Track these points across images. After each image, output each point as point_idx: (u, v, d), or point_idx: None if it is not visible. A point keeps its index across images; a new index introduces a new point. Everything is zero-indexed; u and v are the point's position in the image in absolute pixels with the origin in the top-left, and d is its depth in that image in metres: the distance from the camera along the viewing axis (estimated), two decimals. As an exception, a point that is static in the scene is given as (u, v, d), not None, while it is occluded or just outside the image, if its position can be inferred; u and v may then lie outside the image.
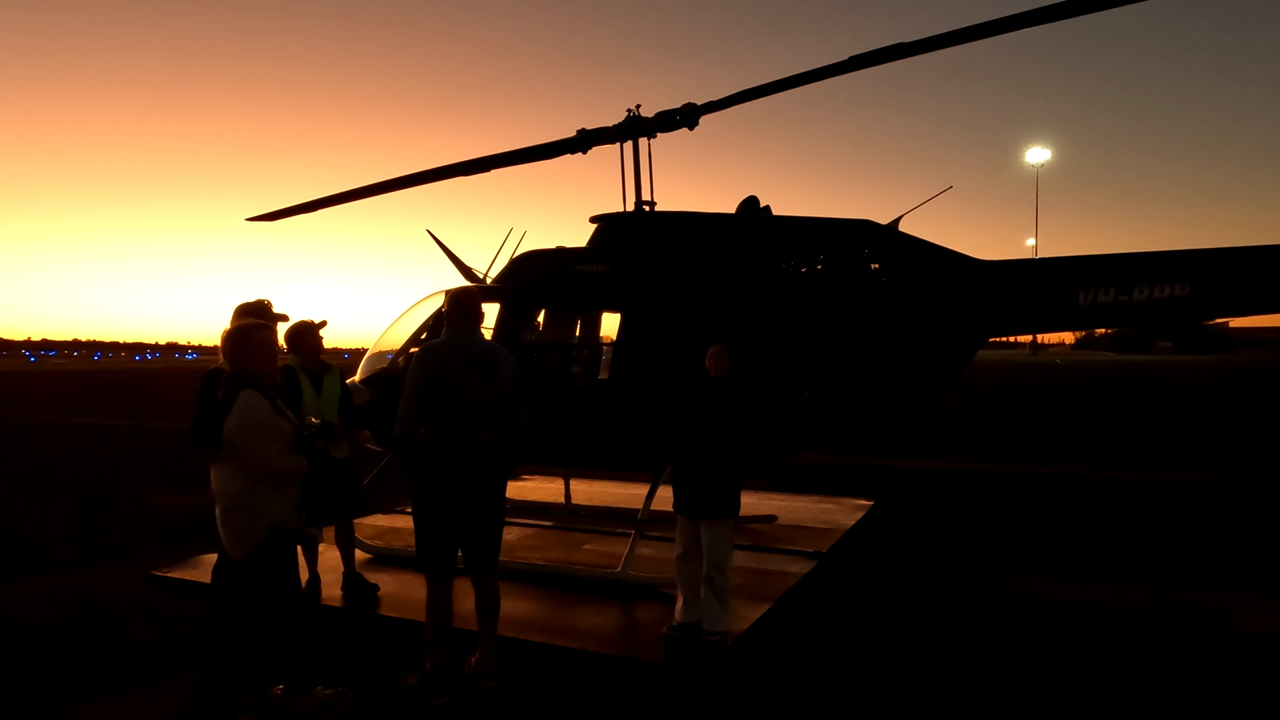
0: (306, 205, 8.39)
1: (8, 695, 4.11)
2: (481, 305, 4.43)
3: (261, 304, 4.62)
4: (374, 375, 7.02)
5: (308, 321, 5.50)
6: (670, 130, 6.60)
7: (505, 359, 4.24)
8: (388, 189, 7.85)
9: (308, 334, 5.46)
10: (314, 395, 5.33)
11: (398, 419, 4.08)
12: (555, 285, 6.64)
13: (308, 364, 5.45)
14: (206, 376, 4.38)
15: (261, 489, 3.58)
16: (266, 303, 4.64)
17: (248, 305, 4.60)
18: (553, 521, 7.79)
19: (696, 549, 4.84)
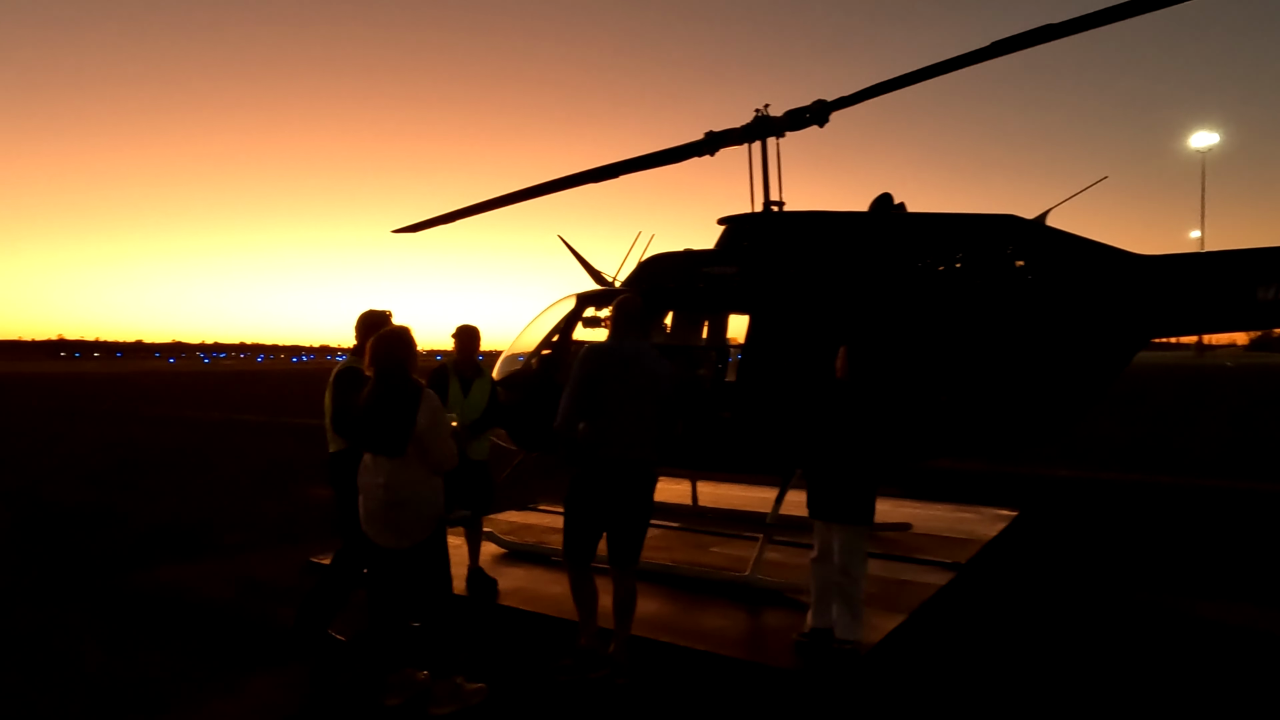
0: (446, 216, 8.80)
1: (179, 665, 4.53)
2: (645, 312, 4.55)
3: (386, 314, 4.82)
4: (508, 376, 7.27)
5: (472, 327, 5.77)
6: (799, 129, 6.50)
7: (664, 366, 4.40)
8: (522, 198, 8.12)
9: (472, 340, 5.74)
10: (460, 398, 5.60)
11: (559, 414, 4.26)
12: (683, 287, 6.66)
13: (461, 368, 5.72)
14: (343, 375, 4.61)
15: (435, 481, 3.86)
16: (389, 313, 4.83)
17: (374, 314, 4.81)
18: (679, 523, 7.82)
19: (829, 556, 4.74)
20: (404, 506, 3.83)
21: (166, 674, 4.40)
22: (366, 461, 3.93)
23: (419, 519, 3.86)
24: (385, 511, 3.84)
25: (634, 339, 4.38)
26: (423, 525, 3.87)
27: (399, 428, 3.80)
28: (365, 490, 3.92)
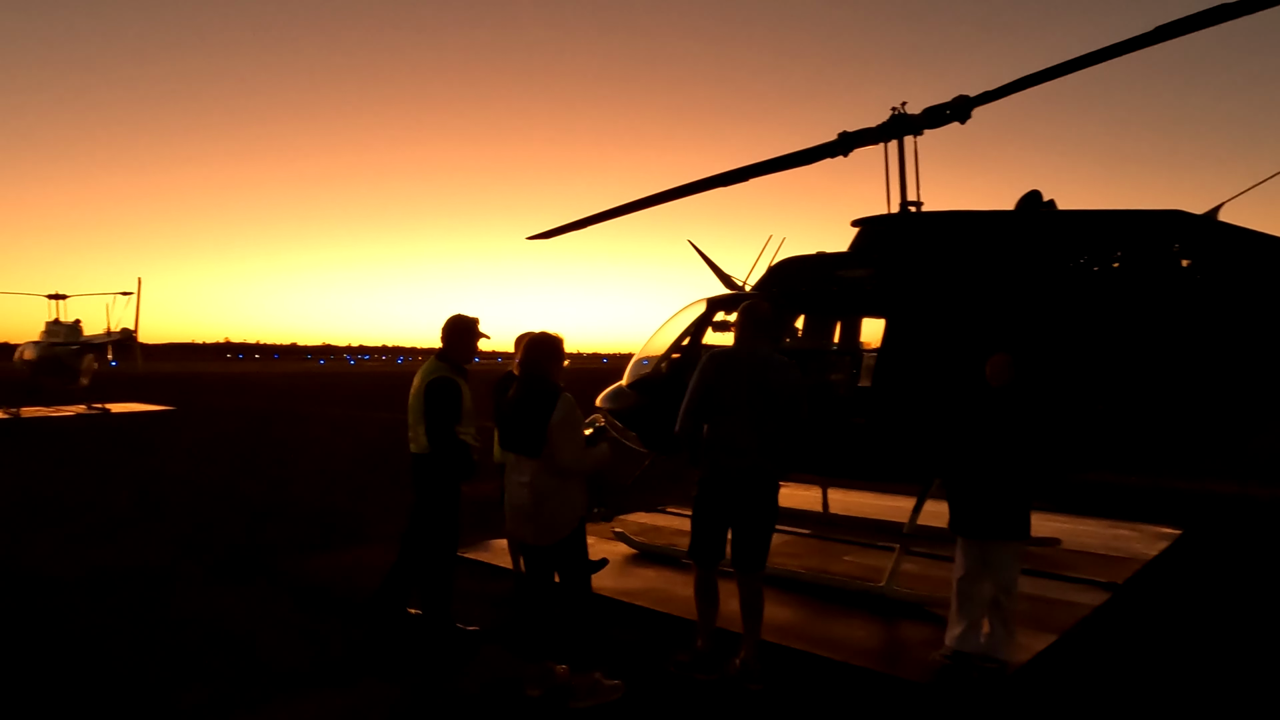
0: (579, 222, 9.04)
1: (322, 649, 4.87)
2: (773, 317, 4.56)
3: (475, 320, 5.03)
4: (639, 380, 7.39)
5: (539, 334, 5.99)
6: (938, 126, 6.27)
7: (789, 372, 4.36)
8: (652, 203, 8.23)
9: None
10: None
11: (679, 417, 4.39)
12: (815, 291, 6.57)
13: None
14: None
15: (576, 481, 4.00)
16: (477, 320, 5.05)
17: (463, 320, 4.98)
18: (810, 530, 7.71)
19: (979, 572, 4.55)
20: (545, 505, 3.97)
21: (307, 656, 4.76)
22: (511, 460, 4.11)
23: (560, 518, 4.00)
24: (528, 509, 4.00)
25: (761, 344, 4.37)
26: (564, 524, 4.00)
27: (536, 429, 3.95)
28: (509, 488, 4.11)
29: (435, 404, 4.69)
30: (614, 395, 7.46)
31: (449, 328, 4.94)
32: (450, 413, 4.72)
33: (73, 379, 26.10)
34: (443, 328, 4.96)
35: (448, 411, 4.72)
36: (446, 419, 4.72)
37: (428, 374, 4.83)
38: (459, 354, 4.96)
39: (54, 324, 27.37)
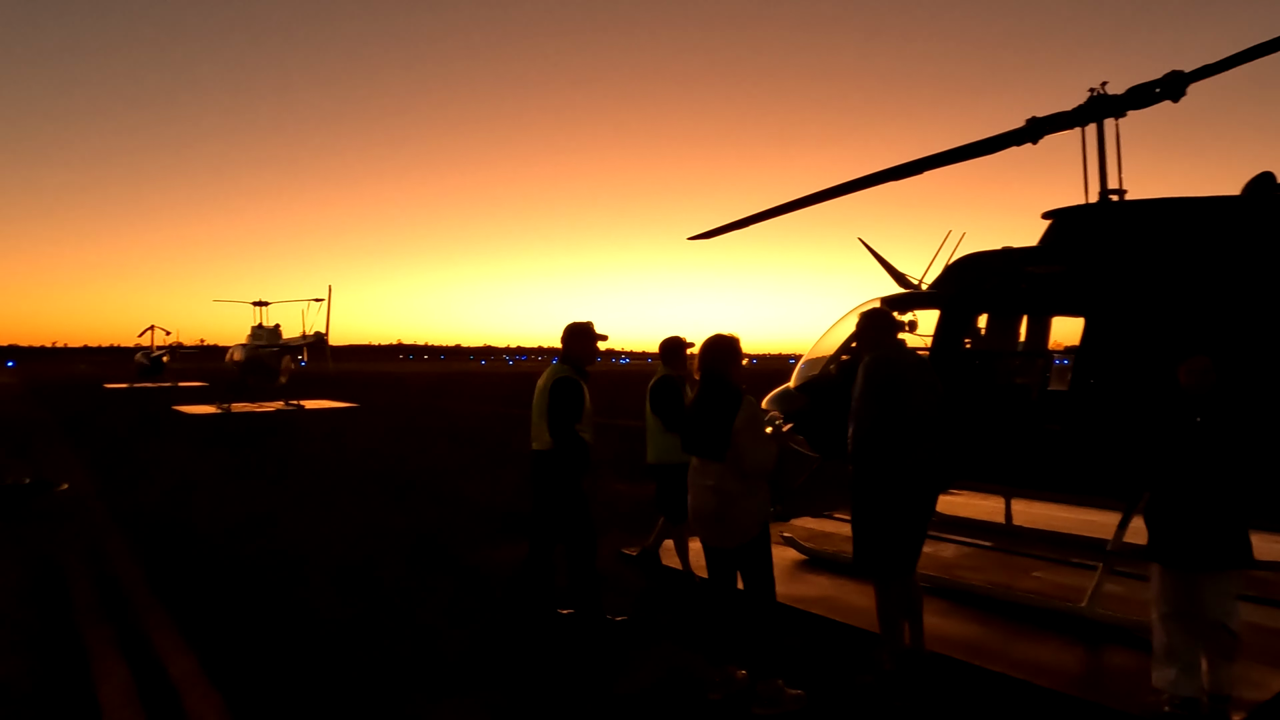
0: (741, 221, 8.95)
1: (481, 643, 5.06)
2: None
3: (590, 324, 5.29)
4: (808, 382, 7.23)
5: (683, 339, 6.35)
6: (1145, 106, 5.73)
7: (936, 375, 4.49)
8: (820, 199, 8.02)
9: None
10: None
11: (867, 421, 4.28)
12: (1001, 289, 6.16)
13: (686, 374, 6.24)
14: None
15: (760, 484, 3.98)
16: (592, 323, 5.30)
17: (581, 325, 5.25)
18: (991, 542, 7.27)
19: (1189, 605, 3.97)
20: (731, 508, 3.96)
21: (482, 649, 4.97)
22: (695, 463, 4.13)
23: (745, 520, 3.97)
24: (713, 512, 4.00)
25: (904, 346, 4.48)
26: (749, 526, 3.97)
27: (719, 432, 3.94)
28: (694, 491, 4.12)
29: (559, 402, 4.97)
30: (781, 398, 7.34)
31: (569, 333, 5.23)
32: (573, 411, 4.99)
33: (273, 378, 28.85)
34: (563, 333, 5.25)
35: (571, 409, 4.98)
36: (569, 416, 4.97)
37: (552, 375, 5.12)
38: (580, 356, 5.21)
39: (258, 328, 30.41)
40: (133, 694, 4.27)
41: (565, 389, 4.98)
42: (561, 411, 4.94)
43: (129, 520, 8.78)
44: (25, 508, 9.36)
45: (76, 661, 4.73)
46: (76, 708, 4.11)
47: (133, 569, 6.79)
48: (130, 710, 4.08)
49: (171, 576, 6.54)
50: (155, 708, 4.11)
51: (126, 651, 4.89)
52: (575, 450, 4.99)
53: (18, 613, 5.62)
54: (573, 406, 4.97)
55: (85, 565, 6.91)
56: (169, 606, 5.76)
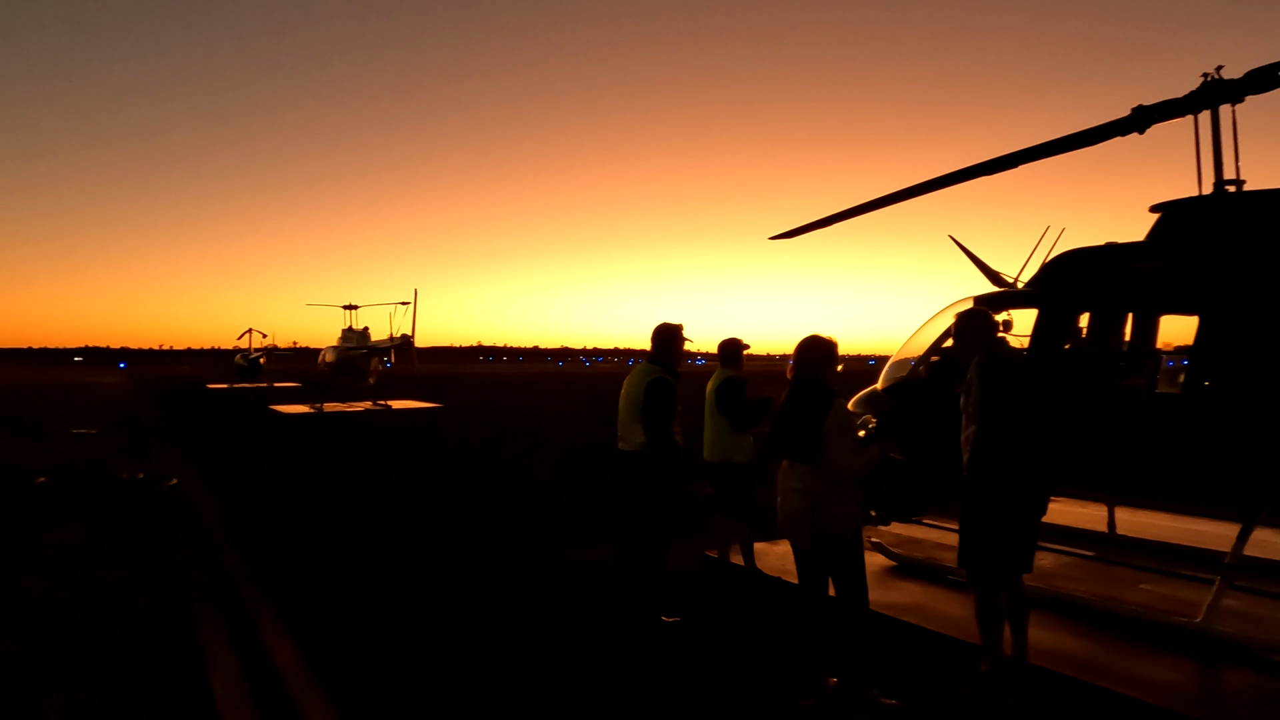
0: (824, 220, 8.78)
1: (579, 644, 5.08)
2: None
3: (680, 327, 5.46)
4: (895, 383, 7.05)
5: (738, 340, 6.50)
6: (1266, 90, 5.37)
7: None
8: (906, 196, 7.81)
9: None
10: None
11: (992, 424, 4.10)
12: (1105, 286, 5.88)
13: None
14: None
15: (851, 486, 3.91)
16: (681, 326, 5.47)
17: (670, 327, 5.41)
18: (1094, 552, 6.94)
19: None
20: (820, 511, 3.90)
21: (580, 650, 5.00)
22: (784, 465, 4.08)
23: (836, 523, 3.90)
24: (802, 515, 3.94)
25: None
26: (840, 530, 3.90)
27: (809, 433, 3.88)
28: (782, 493, 4.07)
29: (655, 403, 5.06)
30: (867, 399, 7.18)
31: (659, 335, 5.38)
32: (669, 411, 5.09)
33: (363, 379, 29.89)
34: (652, 335, 5.40)
35: (667, 410, 5.08)
36: (665, 417, 5.07)
37: (645, 376, 5.20)
38: (669, 358, 5.35)
39: (348, 331, 31.54)
40: (240, 680, 4.48)
41: (660, 390, 5.06)
42: (657, 412, 5.02)
43: (233, 513, 9.22)
44: (139, 501, 9.95)
45: (189, 646, 4.99)
46: (191, 690, 4.33)
47: (237, 560, 7.13)
48: (238, 695, 4.28)
49: (273, 567, 6.84)
50: (261, 695, 4.29)
51: (234, 639, 5.13)
52: (668, 451, 5.06)
53: (138, 599, 5.97)
54: (668, 407, 5.06)
55: (194, 556, 7.29)
56: (271, 596, 6.02)
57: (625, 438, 5.18)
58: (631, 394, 5.16)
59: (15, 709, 4.08)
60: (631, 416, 5.12)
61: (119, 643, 5.02)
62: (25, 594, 6.04)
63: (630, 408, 5.14)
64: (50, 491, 10.42)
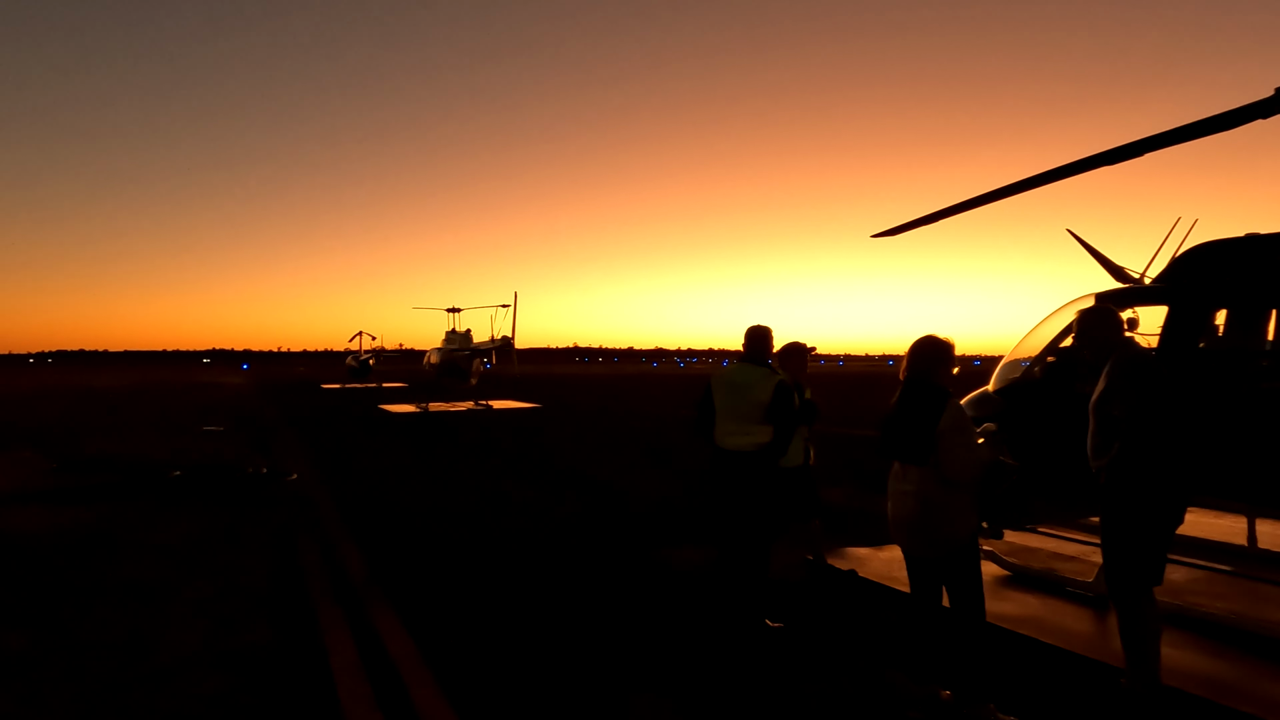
0: (929, 217, 8.48)
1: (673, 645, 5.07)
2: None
3: (767, 329, 5.56)
4: (1008, 385, 6.75)
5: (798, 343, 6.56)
6: None
7: None
8: (1018, 190, 7.46)
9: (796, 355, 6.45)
10: None
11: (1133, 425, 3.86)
12: (1246, 281, 5.46)
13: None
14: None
15: (967, 491, 3.77)
16: (769, 329, 5.58)
17: (764, 329, 5.54)
18: (1231, 567, 6.45)
19: None
20: (933, 515, 3.77)
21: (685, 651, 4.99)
22: (895, 469, 3.96)
23: (949, 529, 3.76)
24: (913, 520, 3.82)
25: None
26: (954, 535, 3.76)
27: (922, 434, 3.75)
28: (893, 497, 3.96)
29: (787, 404, 5.16)
30: (978, 402, 6.90)
31: (756, 336, 5.51)
32: (793, 412, 5.24)
33: (465, 379, 30.84)
34: (747, 335, 5.53)
35: (793, 411, 5.22)
36: (793, 418, 5.21)
37: (766, 377, 5.28)
38: (762, 359, 5.49)
39: (451, 333, 32.61)
40: (358, 666, 4.68)
41: (788, 391, 5.20)
42: (788, 413, 5.16)
43: (348, 506, 9.67)
44: (262, 494, 10.56)
45: (310, 633, 5.26)
46: (312, 675, 4.56)
47: (353, 550, 7.47)
48: (356, 679, 4.47)
49: (385, 557, 7.14)
50: (378, 681, 4.48)
51: (351, 625, 5.38)
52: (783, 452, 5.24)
53: (262, 587, 6.34)
54: (792, 407, 5.23)
55: (314, 547, 7.68)
56: (384, 585, 6.29)
57: (726, 435, 5.21)
58: (751, 394, 5.22)
59: (159, 688, 4.38)
60: (749, 416, 5.19)
61: (247, 628, 5.34)
62: (165, 579, 6.50)
63: (749, 408, 5.20)
64: (185, 484, 11.19)
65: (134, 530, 8.32)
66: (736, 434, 5.21)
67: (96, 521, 8.74)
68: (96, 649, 4.95)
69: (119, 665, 4.68)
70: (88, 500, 10.01)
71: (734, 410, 5.22)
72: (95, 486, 11.03)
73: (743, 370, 5.36)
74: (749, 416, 5.17)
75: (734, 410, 5.22)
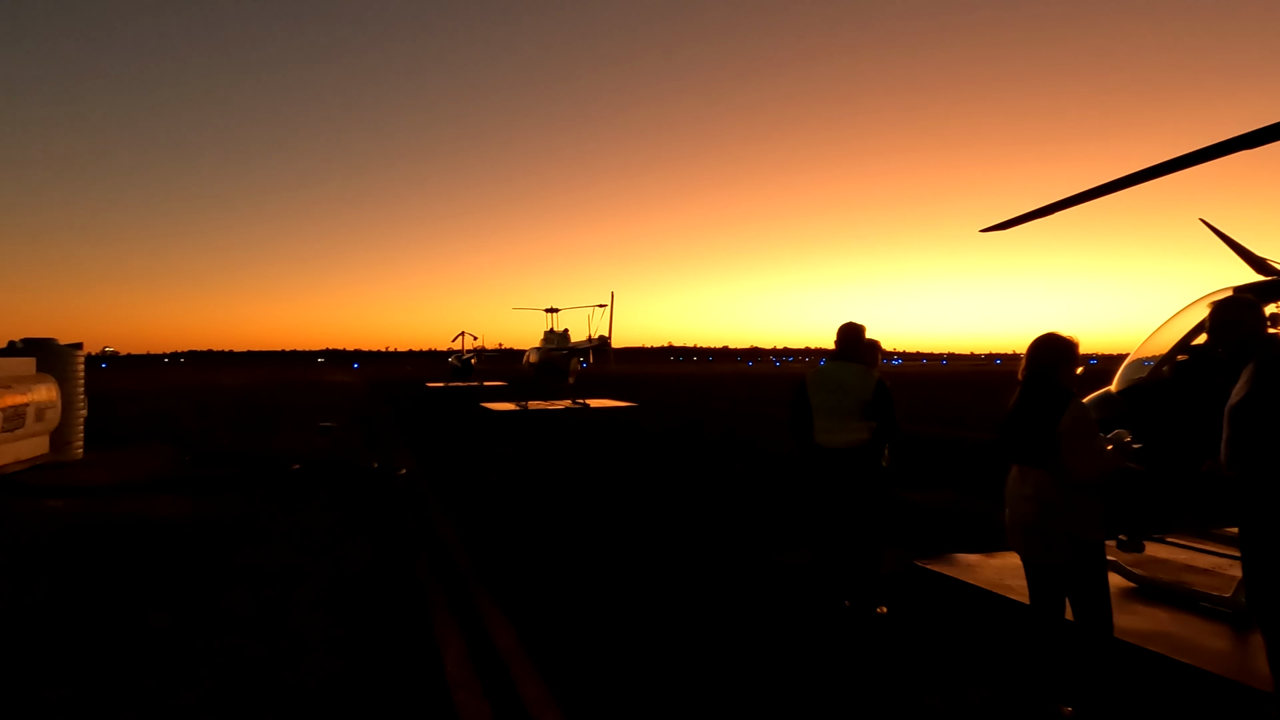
0: (1043, 210, 8.09)
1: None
2: None
3: (862, 327, 5.58)
4: (1133, 385, 6.36)
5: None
6: None
7: None
8: (1145, 178, 7.02)
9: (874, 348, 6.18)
10: None
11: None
12: None
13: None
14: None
15: (1092, 495, 3.60)
16: (864, 326, 5.59)
17: (853, 325, 5.56)
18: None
19: None
20: (1054, 520, 3.59)
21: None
22: (1013, 472, 3.80)
23: (1070, 535, 3.58)
24: (1032, 524, 3.66)
25: None
26: (1075, 542, 3.57)
27: (1042, 435, 3.59)
28: (1011, 502, 3.80)
29: (886, 401, 5.25)
30: (1100, 403, 6.53)
31: (849, 333, 5.56)
32: (894, 409, 5.30)
33: (563, 378, 31.40)
34: (840, 333, 5.58)
35: (893, 407, 5.28)
36: (894, 415, 5.28)
37: (865, 375, 5.33)
38: (856, 356, 5.56)
39: (549, 333, 33.27)
40: (465, 656, 4.84)
41: (888, 389, 5.27)
42: (890, 409, 5.23)
43: (454, 500, 10.01)
44: (375, 488, 11.05)
45: (421, 622, 5.46)
46: (423, 664, 4.74)
47: (459, 544, 7.72)
48: (465, 670, 4.62)
49: (491, 550, 7.36)
50: (485, 670, 4.62)
51: (458, 616, 5.57)
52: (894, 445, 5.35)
53: (375, 576, 6.63)
54: (894, 406, 5.29)
55: (422, 540, 7.98)
56: (489, 578, 6.48)
57: (833, 434, 5.25)
58: (851, 392, 5.27)
59: (285, 669, 4.65)
60: (849, 414, 5.24)
61: (362, 615, 5.60)
62: (290, 565, 6.89)
63: (849, 405, 5.25)
64: (304, 477, 11.83)
65: (261, 519, 8.86)
66: (836, 431, 5.26)
67: (227, 510, 9.35)
68: (231, 629, 5.29)
69: (251, 645, 5.00)
70: (218, 491, 10.73)
71: (832, 408, 5.26)
72: (225, 478, 11.80)
73: (839, 368, 5.36)
74: (848, 414, 5.22)
75: (832, 408, 5.26)
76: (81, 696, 4.24)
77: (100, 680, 4.45)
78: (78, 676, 4.50)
